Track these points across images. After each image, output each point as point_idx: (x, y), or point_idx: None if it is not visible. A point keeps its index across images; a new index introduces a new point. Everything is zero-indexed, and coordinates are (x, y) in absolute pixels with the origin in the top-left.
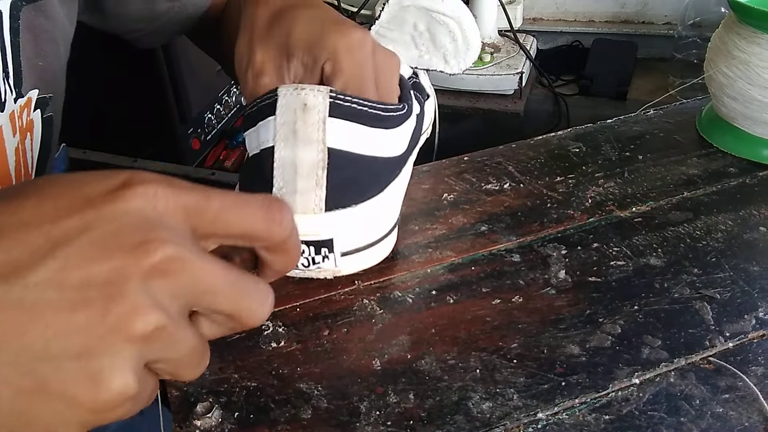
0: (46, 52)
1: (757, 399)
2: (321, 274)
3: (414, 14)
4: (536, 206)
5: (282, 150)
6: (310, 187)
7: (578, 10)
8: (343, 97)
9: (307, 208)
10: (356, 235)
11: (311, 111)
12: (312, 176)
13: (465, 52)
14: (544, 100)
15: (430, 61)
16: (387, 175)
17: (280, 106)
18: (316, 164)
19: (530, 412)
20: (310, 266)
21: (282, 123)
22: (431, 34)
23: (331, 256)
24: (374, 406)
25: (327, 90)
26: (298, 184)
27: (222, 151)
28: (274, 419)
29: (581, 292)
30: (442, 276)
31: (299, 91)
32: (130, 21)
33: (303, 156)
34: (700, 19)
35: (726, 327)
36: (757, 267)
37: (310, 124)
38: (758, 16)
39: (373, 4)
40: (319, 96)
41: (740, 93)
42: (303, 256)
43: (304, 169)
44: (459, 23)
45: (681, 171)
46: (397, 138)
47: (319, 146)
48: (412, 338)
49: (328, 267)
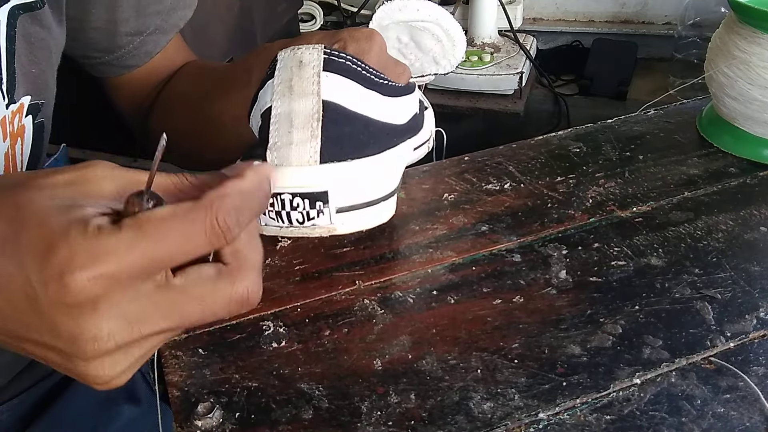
0: (39, 60)
1: (759, 399)
2: (315, 231)
3: (395, 29)
4: (537, 206)
5: (279, 107)
6: (305, 138)
7: (578, 10)
8: (337, 53)
9: (302, 159)
10: (352, 191)
11: (306, 66)
12: (307, 127)
13: (452, 49)
14: (544, 100)
15: (422, 67)
16: (384, 139)
17: (278, 69)
18: (311, 115)
19: (531, 412)
20: (305, 222)
21: (279, 82)
22: (416, 42)
23: (326, 210)
24: (375, 406)
25: (321, 47)
26: (293, 135)
27: None
28: (275, 419)
29: (582, 292)
30: (443, 276)
31: (295, 51)
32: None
33: (298, 108)
34: (700, 19)
35: (727, 327)
36: (757, 267)
37: (305, 79)
38: (758, 16)
39: (373, 4)
40: (314, 53)
41: (740, 93)
42: (297, 211)
43: (299, 121)
44: (439, 24)
45: (681, 171)
46: (395, 107)
47: (314, 98)
48: (413, 338)
49: (323, 223)
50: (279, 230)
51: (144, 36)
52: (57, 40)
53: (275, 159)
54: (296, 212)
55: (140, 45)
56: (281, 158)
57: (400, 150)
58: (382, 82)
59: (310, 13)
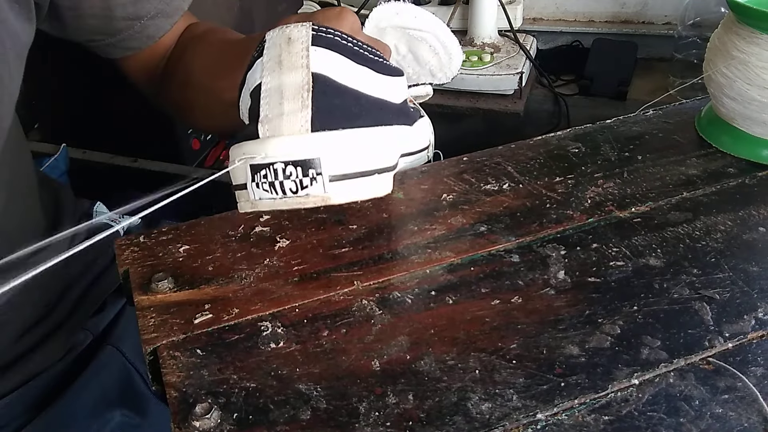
0: None
1: (757, 400)
2: (309, 200)
3: (392, 35)
4: (535, 207)
5: (268, 82)
6: (296, 108)
7: (578, 10)
8: (326, 29)
9: (293, 128)
10: (345, 160)
11: (295, 42)
12: (297, 98)
13: (448, 62)
14: (544, 100)
15: (419, 79)
16: (377, 114)
17: (266, 48)
18: (301, 86)
19: (529, 413)
20: (298, 191)
21: (268, 60)
22: (414, 54)
23: (320, 178)
24: (373, 406)
25: (309, 24)
26: (284, 107)
27: (222, 151)
28: (273, 420)
29: (580, 292)
30: (441, 276)
31: (283, 29)
32: (88, 33)
33: (287, 81)
34: (700, 19)
35: (725, 327)
36: (756, 267)
37: (294, 53)
38: (757, 17)
39: (373, 4)
40: (302, 29)
41: (739, 93)
42: (290, 180)
43: (290, 93)
44: (436, 36)
45: (680, 171)
46: (386, 84)
47: (304, 71)
48: (411, 339)
49: (316, 192)
50: (273, 202)
51: (145, 20)
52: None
53: (267, 131)
54: (289, 181)
55: (142, 29)
56: (273, 129)
57: (394, 129)
58: (375, 58)
59: None
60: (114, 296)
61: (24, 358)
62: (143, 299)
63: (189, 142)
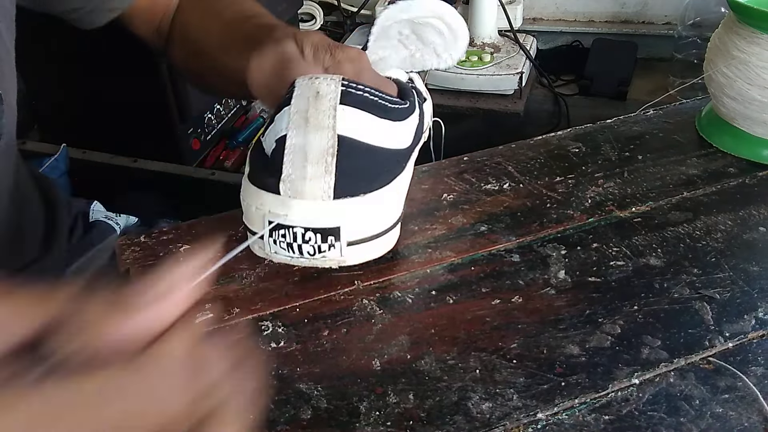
0: None
1: (757, 399)
2: (326, 263)
3: (397, 26)
4: (536, 206)
5: (293, 137)
6: (320, 173)
7: (578, 10)
8: (354, 86)
9: (316, 194)
10: (363, 225)
11: (323, 98)
12: (321, 162)
13: (454, 43)
14: (544, 100)
15: (423, 59)
16: (394, 167)
17: (295, 96)
18: (325, 150)
19: (530, 413)
20: (315, 255)
21: (295, 111)
22: (418, 35)
23: (338, 245)
24: (374, 406)
25: (339, 78)
26: (307, 170)
27: (222, 151)
28: (273, 419)
29: (581, 292)
30: (442, 276)
31: (313, 81)
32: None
33: (313, 142)
34: (700, 19)
35: (725, 327)
36: (756, 267)
37: (322, 111)
38: (758, 17)
39: (373, 4)
40: (331, 84)
41: (739, 93)
42: (309, 244)
43: (314, 155)
44: (441, 18)
45: (680, 171)
46: (403, 131)
47: (329, 132)
48: (411, 338)
49: (333, 256)
50: (289, 260)
51: None
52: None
53: (288, 191)
54: (308, 245)
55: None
56: (294, 191)
57: (407, 172)
58: (393, 107)
59: (310, 13)
60: None
61: None
62: None
63: (189, 142)
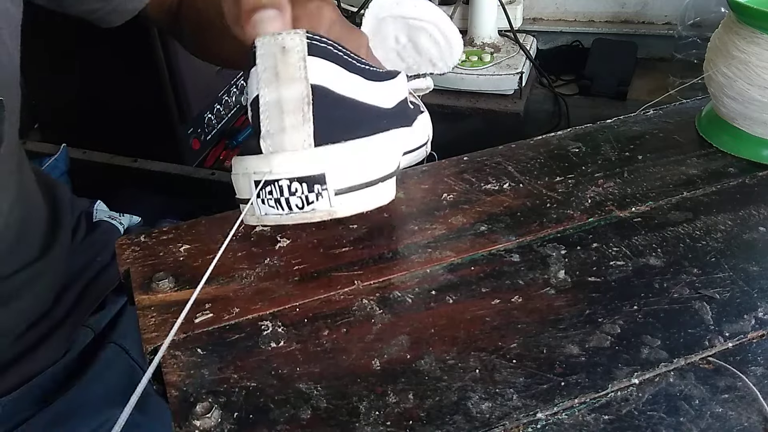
0: None
1: (757, 399)
2: (316, 215)
3: (392, 25)
4: (536, 206)
5: (267, 95)
6: (297, 122)
7: (578, 10)
8: (319, 38)
9: (296, 144)
10: (349, 172)
11: (290, 52)
12: (298, 112)
13: (449, 51)
14: (544, 100)
15: (419, 69)
16: (374, 121)
17: (259, 56)
18: (301, 100)
19: (529, 412)
20: (304, 207)
21: (263, 69)
22: (414, 43)
23: (325, 193)
24: (374, 406)
25: (303, 31)
26: (285, 121)
27: (222, 151)
28: (273, 419)
29: (581, 292)
30: (442, 276)
31: (275, 37)
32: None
33: (287, 94)
34: (700, 19)
35: (725, 327)
36: (756, 267)
37: (291, 64)
38: (758, 16)
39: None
40: (296, 38)
41: (740, 93)
42: (296, 196)
43: (290, 106)
44: (436, 26)
45: (680, 171)
46: (378, 90)
47: (302, 83)
48: (411, 338)
49: (322, 207)
50: (279, 218)
51: None
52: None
53: (269, 146)
54: (295, 197)
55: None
56: (275, 145)
57: (393, 134)
58: (363, 66)
59: None
60: (114, 294)
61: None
62: (144, 299)
63: (189, 142)
